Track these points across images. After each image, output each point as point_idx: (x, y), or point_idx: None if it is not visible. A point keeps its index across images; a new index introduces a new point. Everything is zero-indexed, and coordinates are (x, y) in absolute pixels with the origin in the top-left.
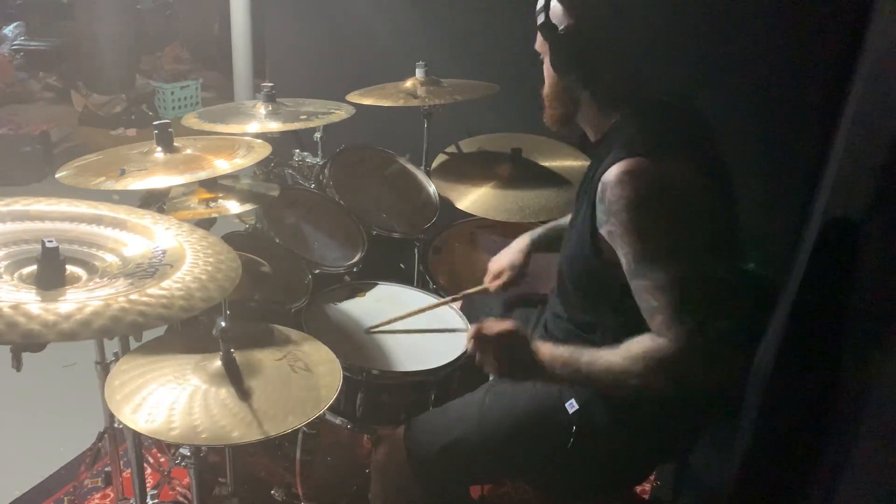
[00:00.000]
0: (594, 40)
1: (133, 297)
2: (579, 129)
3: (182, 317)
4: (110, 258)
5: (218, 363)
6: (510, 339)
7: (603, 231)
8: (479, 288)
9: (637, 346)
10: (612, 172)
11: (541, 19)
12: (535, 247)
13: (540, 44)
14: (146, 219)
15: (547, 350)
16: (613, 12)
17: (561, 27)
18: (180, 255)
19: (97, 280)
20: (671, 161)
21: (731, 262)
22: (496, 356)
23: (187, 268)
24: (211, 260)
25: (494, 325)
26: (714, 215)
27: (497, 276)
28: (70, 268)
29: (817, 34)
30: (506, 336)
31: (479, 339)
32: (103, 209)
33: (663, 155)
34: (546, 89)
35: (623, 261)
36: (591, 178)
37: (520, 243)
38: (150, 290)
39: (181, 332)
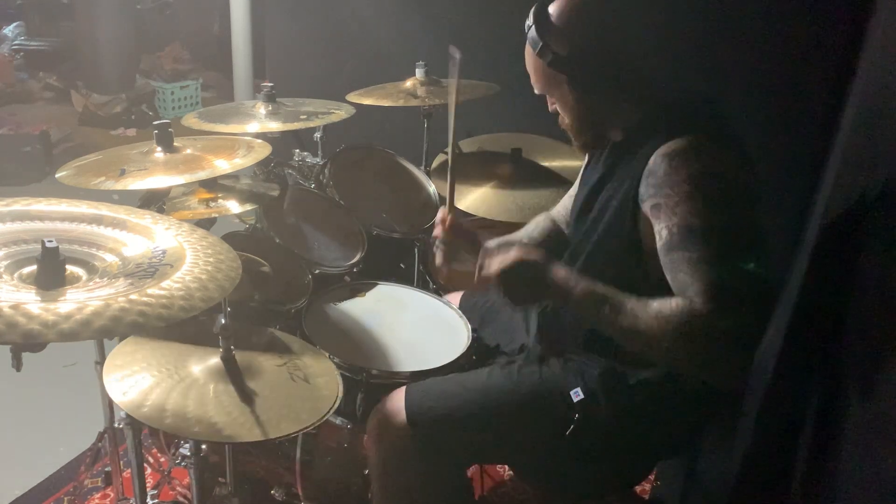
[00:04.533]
0: (611, 45)
1: (133, 297)
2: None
3: (182, 317)
4: (110, 258)
5: (217, 359)
6: (518, 268)
7: (646, 206)
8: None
9: (668, 308)
10: (671, 146)
11: (548, 57)
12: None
13: (545, 84)
14: (146, 219)
15: (563, 272)
16: (616, 18)
17: (565, 52)
18: (180, 255)
19: (97, 280)
20: (723, 142)
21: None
22: (505, 283)
23: (187, 268)
24: (211, 260)
25: (494, 264)
26: (753, 200)
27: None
28: (70, 268)
29: (817, 34)
30: (511, 268)
31: (484, 273)
32: (103, 209)
33: (715, 136)
34: (569, 120)
35: (663, 234)
36: (622, 164)
37: (540, 226)
38: (150, 290)
39: (184, 325)
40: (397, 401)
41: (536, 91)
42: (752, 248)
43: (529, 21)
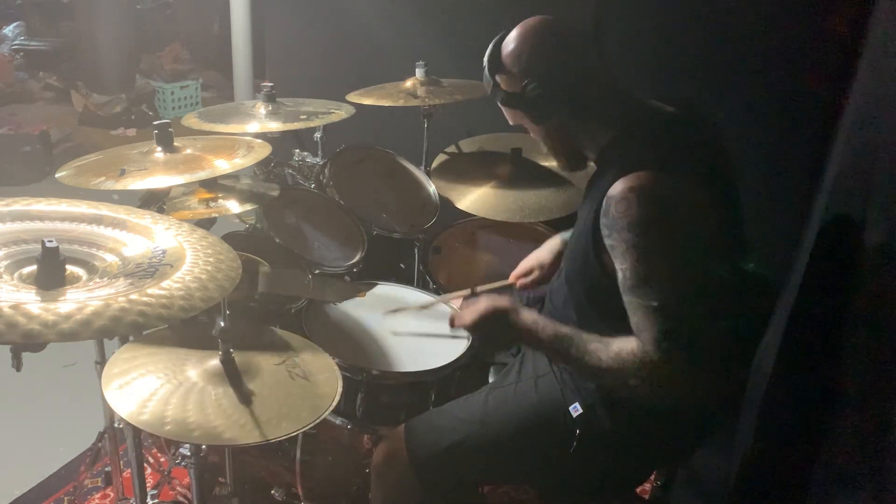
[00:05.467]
0: (559, 76)
1: (133, 297)
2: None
3: (182, 317)
4: (110, 258)
5: (216, 362)
6: (489, 318)
7: (607, 243)
8: (503, 283)
9: (626, 351)
10: (618, 188)
11: (499, 96)
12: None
13: (514, 117)
14: (146, 219)
15: (531, 319)
16: (568, 49)
17: (524, 86)
18: (180, 255)
19: (97, 280)
20: (675, 174)
21: (733, 264)
22: (477, 333)
23: (187, 268)
24: (211, 260)
25: (467, 316)
26: (718, 223)
27: (525, 273)
28: (70, 268)
29: (817, 34)
30: (483, 319)
31: (458, 319)
32: (103, 209)
33: (667, 168)
34: (546, 145)
35: (620, 275)
36: (594, 188)
37: (551, 243)
38: (150, 290)
39: (183, 329)
40: (398, 439)
41: (510, 123)
42: (701, 285)
43: (484, 62)
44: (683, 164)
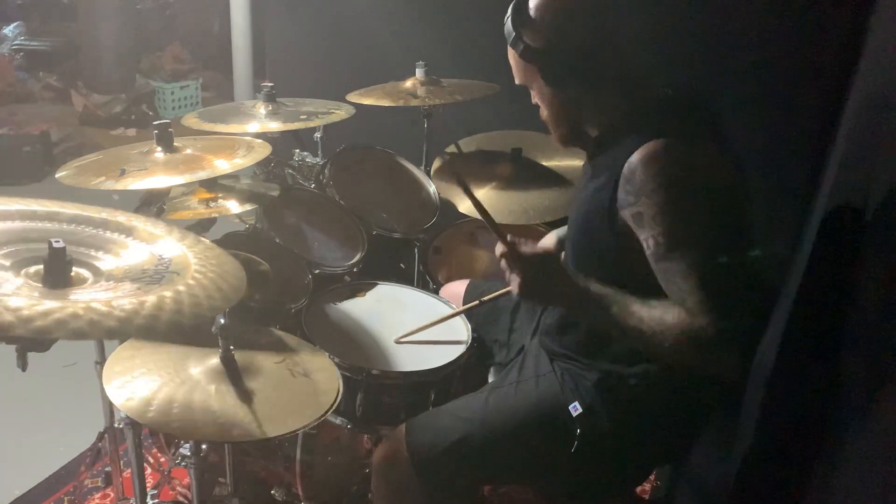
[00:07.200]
0: (584, 41)
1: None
2: None
3: (189, 322)
4: (115, 263)
5: (217, 360)
6: (542, 260)
7: (626, 213)
8: (503, 291)
9: (671, 318)
10: (643, 152)
11: (519, 48)
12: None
13: (523, 75)
14: (156, 226)
15: (580, 280)
16: (593, 14)
17: (537, 45)
18: (185, 265)
19: (103, 283)
20: (699, 144)
21: (749, 251)
22: (524, 274)
23: (190, 274)
24: (216, 270)
25: (528, 247)
26: (738, 200)
27: None
28: (76, 269)
29: (818, 30)
30: (538, 257)
31: (510, 255)
32: (119, 216)
33: (691, 137)
34: (546, 113)
35: (650, 243)
36: (602, 162)
37: (547, 241)
38: (154, 295)
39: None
40: (398, 439)
41: (516, 82)
42: (737, 245)
43: (508, 12)
44: (702, 136)
